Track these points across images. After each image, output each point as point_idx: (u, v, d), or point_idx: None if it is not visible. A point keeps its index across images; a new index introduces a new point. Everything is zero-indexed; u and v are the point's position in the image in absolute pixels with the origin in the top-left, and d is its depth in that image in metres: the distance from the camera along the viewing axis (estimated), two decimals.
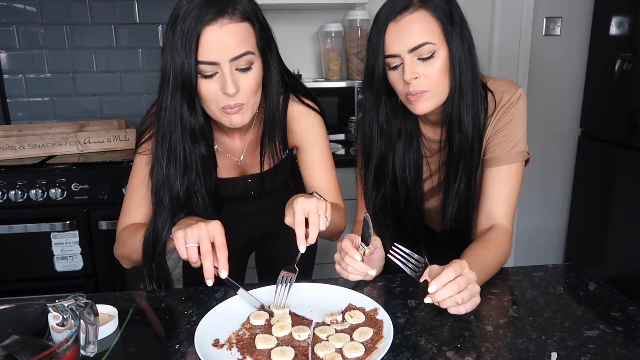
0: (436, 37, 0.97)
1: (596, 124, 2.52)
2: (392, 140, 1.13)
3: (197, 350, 0.75)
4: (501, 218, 1.06)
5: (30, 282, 1.94)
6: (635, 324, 0.83)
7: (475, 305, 0.86)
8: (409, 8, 0.97)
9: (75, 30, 2.32)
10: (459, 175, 1.09)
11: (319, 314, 0.88)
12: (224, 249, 0.87)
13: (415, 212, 1.20)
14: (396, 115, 1.11)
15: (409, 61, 0.98)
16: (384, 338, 0.78)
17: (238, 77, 0.93)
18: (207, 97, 0.94)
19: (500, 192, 1.07)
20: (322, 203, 0.91)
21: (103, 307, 0.86)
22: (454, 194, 1.11)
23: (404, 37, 0.97)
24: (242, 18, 0.91)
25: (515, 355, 0.75)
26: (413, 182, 1.17)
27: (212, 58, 0.90)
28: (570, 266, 1.08)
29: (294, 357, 0.75)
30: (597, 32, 2.47)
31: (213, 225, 0.88)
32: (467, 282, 0.84)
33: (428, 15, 0.97)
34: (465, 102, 1.02)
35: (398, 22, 0.97)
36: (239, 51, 0.91)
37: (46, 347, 0.62)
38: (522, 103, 1.07)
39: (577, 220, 2.72)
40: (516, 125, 1.07)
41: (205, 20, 0.87)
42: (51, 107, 2.38)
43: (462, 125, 1.04)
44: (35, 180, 1.84)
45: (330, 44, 2.30)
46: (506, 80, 1.11)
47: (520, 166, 1.08)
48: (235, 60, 0.91)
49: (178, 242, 0.87)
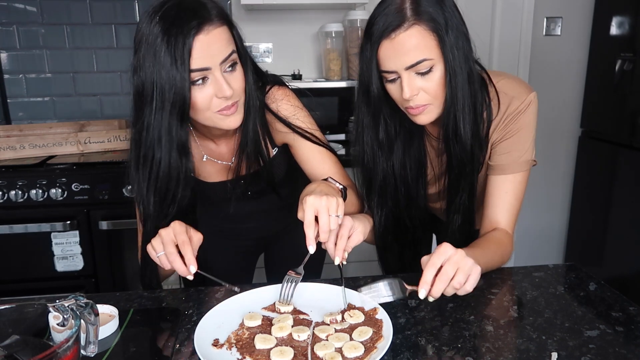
0: (433, 52, 0.92)
1: (597, 124, 2.52)
2: (391, 145, 1.09)
3: (197, 350, 0.75)
4: (505, 225, 1.06)
5: (30, 282, 1.94)
6: (636, 324, 0.83)
7: (477, 279, 0.83)
8: (404, 24, 0.91)
9: (75, 30, 2.32)
10: (460, 187, 1.07)
11: (319, 314, 0.88)
12: (186, 245, 0.91)
13: (417, 212, 1.17)
14: (395, 116, 1.07)
15: (406, 77, 0.93)
16: (383, 337, 0.78)
17: (229, 78, 0.94)
18: (202, 105, 0.94)
19: (504, 200, 1.05)
20: (332, 201, 0.89)
21: (103, 307, 0.86)
22: (457, 208, 1.09)
23: (399, 54, 0.92)
24: (221, 21, 0.92)
25: (516, 355, 0.75)
26: (415, 181, 1.13)
27: (203, 64, 0.90)
28: (570, 266, 1.08)
29: (294, 357, 0.75)
30: (597, 32, 2.47)
31: (171, 227, 0.92)
32: (455, 265, 0.82)
33: (423, 30, 0.91)
34: (462, 113, 0.98)
35: (393, 39, 0.91)
36: (226, 52, 0.92)
37: (47, 347, 0.62)
38: (532, 110, 1.03)
39: (578, 220, 2.72)
40: (524, 134, 1.03)
41: (192, 32, 0.88)
42: (51, 107, 2.39)
43: (460, 137, 1.00)
44: (35, 180, 1.84)
45: (331, 44, 2.30)
46: (518, 82, 1.06)
47: (525, 174, 1.06)
48: (224, 62, 0.92)
49: (152, 256, 0.93)
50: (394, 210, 1.15)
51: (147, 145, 0.96)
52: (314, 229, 0.89)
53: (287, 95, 1.10)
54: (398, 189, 1.13)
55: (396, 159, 1.10)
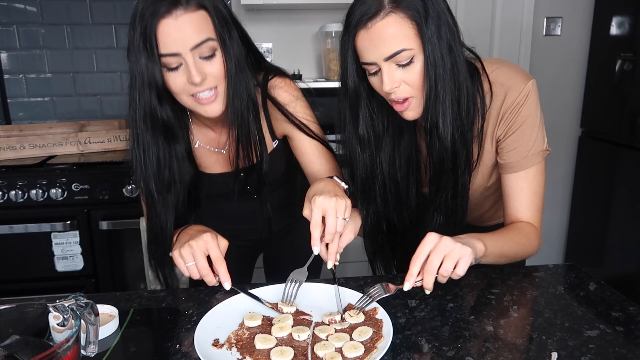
0: (412, 41, 0.87)
1: (597, 124, 2.52)
2: (378, 141, 1.03)
3: (197, 350, 0.75)
4: (529, 220, 1.02)
5: (30, 282, 1.94)
6: (636, 324, 0.83)
7: (467, 261, 0.82)
8: (380, 12, 0.86)
9: (75, 30, 2.32)
10: (441, 185, 1.01)
11: (318, 314, 0.88)
12: (220, 261, 0.92)
13: (408, 212, 1.10)
14: (382, 110, 1.01)
15: (387, 69, 0.89)
16: (383, 337, 0.78)
17: (202, 65, 0.94)
18: (175, 90, 0.95)
19: (523, 198, 1.01)
20: (341, 203, 0.89)
21: (103, 307, 0.86)
22: (437, 207, 1.03)
23: (377, 45, 0.88)
24: (197, 7, 0.92)
25: (516, 355, 0.75)
26: (404, 179, 1.07)
27: (172, 49, 0.90)
28: (570, 266, 1.08)
29: (294, 357, 0.75)
30: (597, 32, 2.47)
31: (204, 239, 0.92)
32: (441, 254, 0.81)
33: (400, 19, 0.86)
34: (442, 107, 0.92)
35: (369, 29, 0.87)
36: (199, 39, 0.91)
37: (47, 347, 0.63)
38: (532, 100, 0.98)
39: (578, 220, 2.72)
40: (529, 127, 0.98)
41: (160, 14, 0.88)
42: (52, 107, 2.39)
43: (440, 132, 0.95)
44: (35, 180, 1.84)
45: (331, 44, 2.30)
46: (514, 69, 1.00)
47: (539, 167, 1.00)
48: (197, 48, 0.92)
49: (178, 264, 0.94)
50: (383, 210, 1.09)
51: (137, 127, 0.98)
52: (320, 230, 0.89)
53: (288, 85, 1.10)
54: (387, 188, 1.07)
55: (384, 156, 1.04)
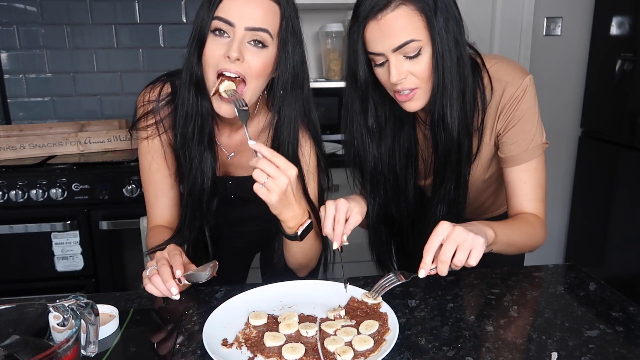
0: (421, 33, 0.90)
1: (597, 124, 2.52)
2: (381, 133, 1.05)
3: (209, 351, 0.74)
4: (533, 211, 1.03)
5: (30, 282, 1.94)
6: (636, 324, 0.83)
7: (480, 251, 0.83)
8: (390, 4, 0.89)
9: (75, 30, 2.32)
10: (445, 176, 1.03)
11: (322, 310, 0.88)
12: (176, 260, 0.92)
13: (406, 203, 1.12)
14: (384, 102, 1.03)
15: (394, 61, 0.91)
16: (390, 330, 0.79)
17: (247, 49, 0.92)
18: (208, 56, 0.93)
19: (525, 191, 1.03)
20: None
21: (104, 307, 0.86)
22: (442, 197, 1.05)
23: (386, 36, 0.90)
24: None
25: (516, 355, 0.75)
26: (403, 171, 1.09)
27: (228, 17, 0.90)
28: (570, 266, 1.08)
29: (305, 352, 0.75)
30: (597, 32, 2.47)
31: (165, 252, 0.95)
32: (454, 243, 0.81)
33: (410, 10, 0.89)
34: (449, 100, 0.95)
35: (379, 20, 0.89)
36: (257, 23, 0.91)
37: (47, 347, 0.63)
38: (530, 94, 1.00)
39: (578, 220, 2.72)
40: (528, 120, 1.00)
41: None
42: (52, 107, 2.38)
43: (446, 124, 0.97)
44: (35, 180, 1.84)
45: (331, 44, 2.30)
46: (512, 65, 1.03)
47: (540, 160, 1.03)
48: (251, 31, 0.91)
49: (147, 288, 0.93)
50: (383, 201, 1.11)
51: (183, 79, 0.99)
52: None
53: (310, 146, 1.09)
54: (386, 179, 1.09)
55: (385, 147, 1.06)
